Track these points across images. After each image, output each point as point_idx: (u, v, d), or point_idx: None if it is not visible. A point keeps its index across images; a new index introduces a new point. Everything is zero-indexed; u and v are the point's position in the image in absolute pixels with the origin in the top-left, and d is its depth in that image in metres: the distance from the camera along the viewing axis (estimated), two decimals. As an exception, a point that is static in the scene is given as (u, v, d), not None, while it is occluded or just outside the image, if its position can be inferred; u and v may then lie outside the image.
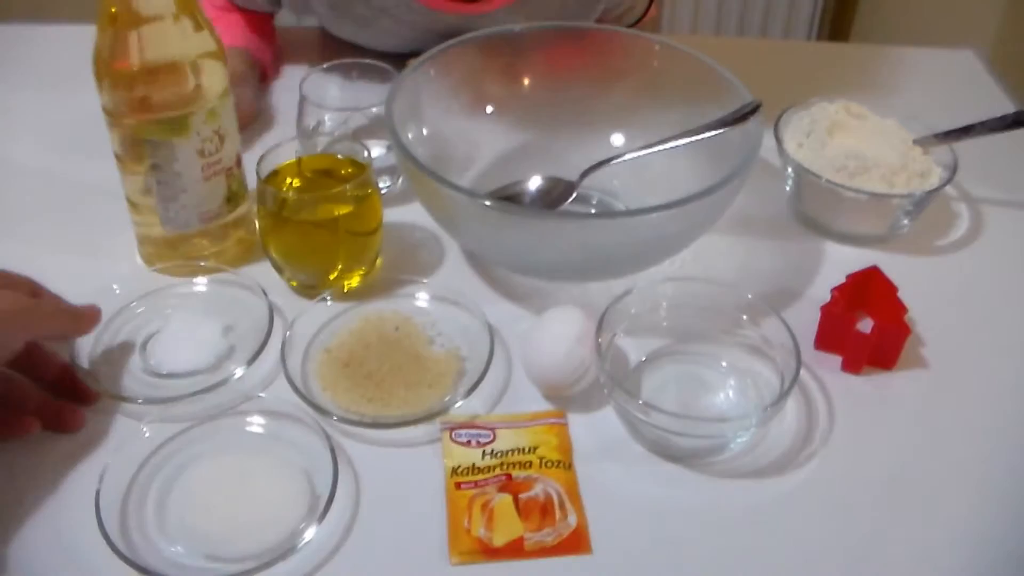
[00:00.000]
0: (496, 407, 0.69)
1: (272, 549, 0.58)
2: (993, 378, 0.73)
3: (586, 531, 0.61)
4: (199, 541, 0.59)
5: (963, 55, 1.16)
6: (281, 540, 0.59)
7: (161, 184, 0.73)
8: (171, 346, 0.72)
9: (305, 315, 0.72)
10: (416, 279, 0.76)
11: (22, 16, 1.19)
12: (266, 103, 1.00)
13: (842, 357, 0.73)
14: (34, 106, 1.02)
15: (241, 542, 0.59)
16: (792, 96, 0.90)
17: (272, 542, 0.59)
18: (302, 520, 0.60)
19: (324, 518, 0.59)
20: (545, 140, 0.88)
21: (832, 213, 0.84)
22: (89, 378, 0.68)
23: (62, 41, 1.10)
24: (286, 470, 0.63)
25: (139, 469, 0.63)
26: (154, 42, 0.68)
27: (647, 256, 0.74)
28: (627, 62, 0.87)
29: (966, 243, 0.86)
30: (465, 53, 0.84)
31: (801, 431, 0.68)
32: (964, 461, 0.66)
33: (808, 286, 0.80)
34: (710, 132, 0.77)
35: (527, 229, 0.71)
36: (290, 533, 0.59)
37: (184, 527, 0.60)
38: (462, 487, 0.63)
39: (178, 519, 0.61)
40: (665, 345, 0.73)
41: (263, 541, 0.59)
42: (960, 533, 0.62)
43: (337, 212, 0.74)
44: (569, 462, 0.65)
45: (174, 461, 0.64)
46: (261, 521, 0.60)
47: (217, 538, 0.59)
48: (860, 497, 0.64)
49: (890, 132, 0.87)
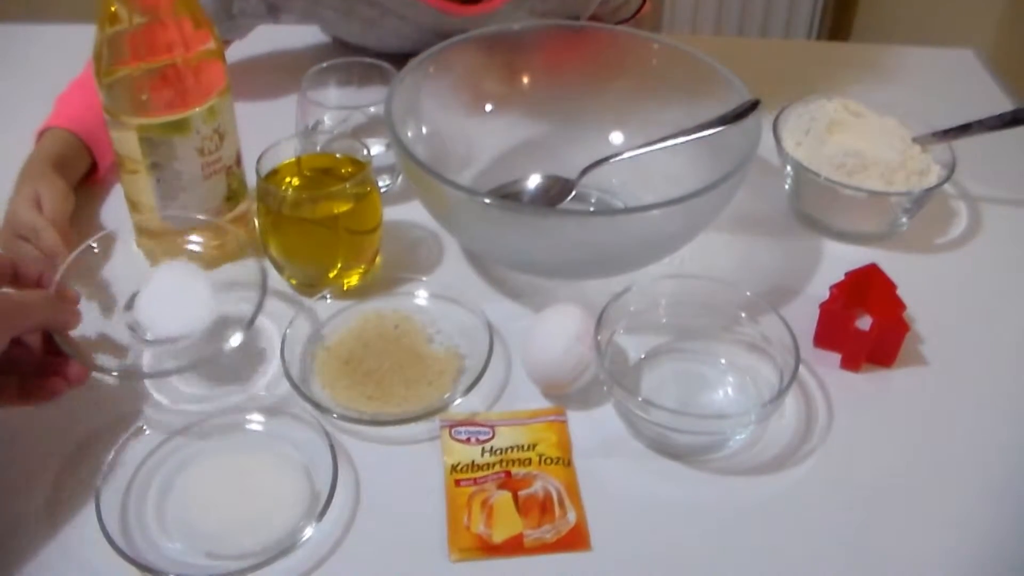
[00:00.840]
0: (495, 404, 0.69)
1: (272, 546, 0.58)
2: (992, 375, 0.73)
3: (585, 528, 0.61)
4: (199, 538, 0.59)
5: (962, 54, 1.16)
6: (281, 537, 0.59)
7: (161, 182, 0.74)
8: (157, 306, 0.69)
9: (305, 313, 0.73)
10: (416, 277, 0.76)
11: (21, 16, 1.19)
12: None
13: (841, 354, 0.73)
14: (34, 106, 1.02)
15: (241, 539, 0.59)
16: (791, 94, 0.90)
17: (272, 539, 0.59)
18: (302, 517, 0.60)
19: (324, 515, 0.59)
20: (544, 138, 0.88)
21: (831, 211, 0.84)
22: (74, 350, 0.63)
23: (62, 40, 1.10)
24: (286, 467, 0.63)
25: (139, 467, 0.63)
26: (154, 41, 0.68)
27: (646, 254, 0.74)
28: (626, 60, 0.87)
29: (965, 241, 0.86)
30: (464, 52, 0.84)
31: (800, 428, 0.68)
32: (963, 458, 0.67)
33: (807, 284, 0.80)
34: (709, 130, 0.77)
35: (526, 227, 0.71)
36: (290, 530, 0.59)
37: (184, 524, 0.60)
38: (461, 484, 0.63)
39: (178, 517, 0.61)
40: (664, 342, 0.73)
41: (263, 538, 0.59)
42: (958, 530, 0.62)
43: (337, 210, 0.74)
44: (568, 459, 0.65)
45: (174, 459, 0.64)
46: (261, 518, 0.60)
47: (217, 535, 0.60)
48: (859, 494, 0.64)
49: (889, 130, 0.87)
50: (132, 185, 0.75)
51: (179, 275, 0.71)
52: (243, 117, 0.78)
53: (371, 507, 0.62)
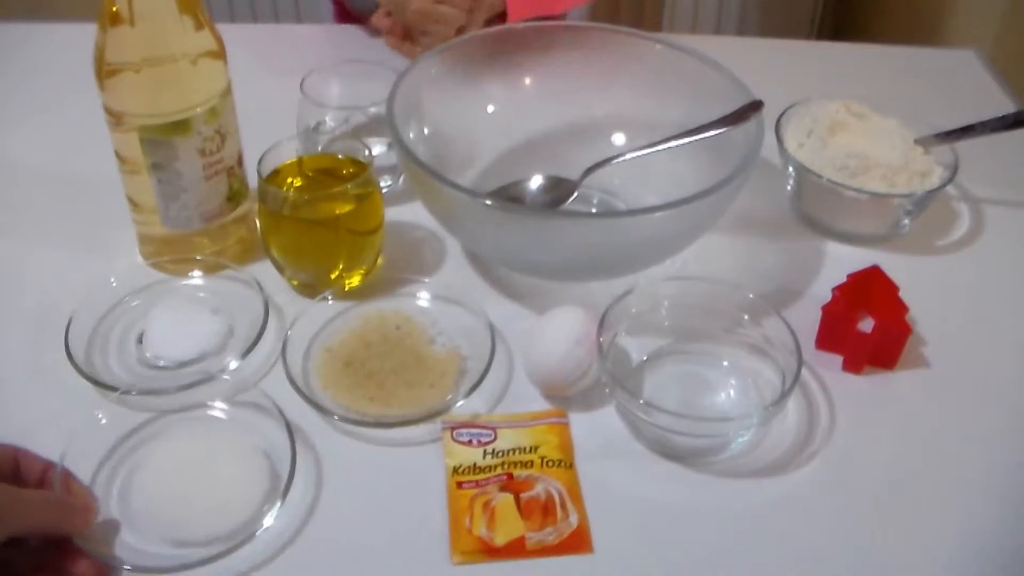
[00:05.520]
0: (497, 406, 0.69)
1: (237, 534, 0.58)
2: (994, 378, 0.73)
3: (587, 530, 0.61)
4: (166, 527, 0.59)
5: (963, 55, 1.16)
6: (239, 529, 0.58)
7: (162, 183, 0.73)
8: (166, 336, 0.71)
9: (306, 314, 0.72)
10: (417, 278, 0.76)
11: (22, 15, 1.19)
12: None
13: (843, 357, 0.73)
14: (34, 105, 1.02)
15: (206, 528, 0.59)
16: (793, 95, 0.90)
17: (232, 529, 0.59)
18: (262, 505, 0.60)
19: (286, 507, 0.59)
20: (546, 139, 0.88)
21: (833, 213, 0.84)
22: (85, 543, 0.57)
23: (62, 40, 1.10)
24: (250, 459, 0.63)
25: (103, 459, 0.63)
26: (155, 41, 0.68)
27: (648, 255, 0.74)
28: (628, 61, 0.87)
29: (967, 243, 0.86)
30: (466, 52, 0.84)
31: (802, 431, 0.68)
32: (965, 461, 0.66)
33: (809, 286, 0.80)
34: (711, 131, 0.77)
35: (528, 229, 0.71)
36: (249, 519, 0.59)
37: (148, 514, 0.60)
38: (463, 486, 0.63)
39: (142, 507, 0.60)
40: (666, 344, 0.73)
41: (225, 526, 0.59)
42: (961, 533, 0.62)
43: (338, 211, 0.74)
44: (570, 461, 0.65)
45: (143, 449, 0.64)
46: (224, 508, 0.60)
47: (184, 531, 0.59)
48: (861, 496, 0.64)
49: (891, 131, 0.87)
50: (133, 186, 0.75)
51: (182, 304, 0.74)
52: (244, 117, 0.78)
53: (373, 509, 0.62)
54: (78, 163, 0.90)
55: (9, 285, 0.79)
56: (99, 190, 0.82)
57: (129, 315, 0.74)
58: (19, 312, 0.75)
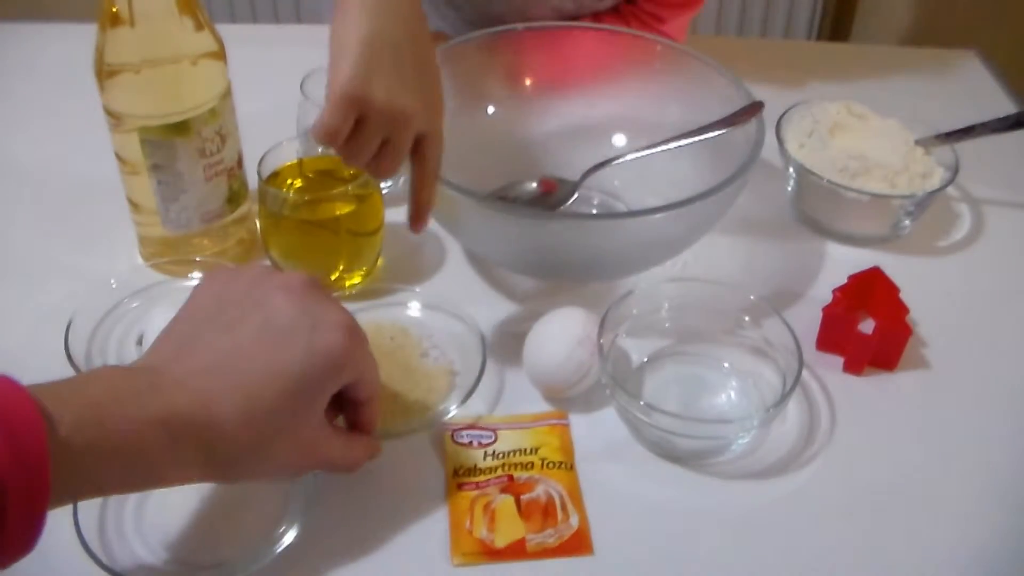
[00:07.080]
0: (497, 408, 0.69)
1: (251, 554, 0.57)
2: (995, 379, 0.73)
3: (588, 532, 0.60)
4: (178, 545, 0.58)
5: (964, 55, 1.16)
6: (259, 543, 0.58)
7: (162, 184, 0.73)
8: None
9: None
10: (414, 288, 0.76)
11: (22, 15, 1.19)
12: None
13: (844, 358, 0.73)
14: (34, 105, 1.02)
15: (220, 546, 0.58)
16: (793, 96, 0.90)
17: (251, 545, 0.58)
18: (282, 520, 0.59)
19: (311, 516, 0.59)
20: (546, 140, 0.88)
21: (834, 214, 0.84)
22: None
23: (62, 40, 1.10)
24: None
25: None
26: (155, 42, 0.68)
27: (649, 257, 0.74)
28: (629, 61, 0.87)
29: (968, 244, 0.86)
30: (466, 52, 0.84)
31: (803, 432, 0.68)
32: (966, 462, 0.66)
33: (810, 287, 0.80)
34: (712, 132, 0.77)
35: (528, 230, 0.71)
36: (270, 536, 0.58)
37: (162, 531, 0.59)
38: (464, 488, 0.63)
39: (156, 523, 0.60)
40: (667, 346, 0.73)
41: (243, 544, 0.58)
42: (962, 534, 0.62)
43: (338, 212, 0.74)
44: (571, 463, 0.65)
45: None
46: (240, 524, 0.59)
47: (197, 542, 0.59)
48: (862, 498, 0.64)
49: (892, 132, 0.87)
50: (133, 187, 0.75)
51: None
52: (244, 118, 0.77)
53: (373, 511, 0.62)
54: (78, 164, 0.90)
55: (9, 285, 0.79)
56: (99, 191, 0.82)
57: (129, 316, 0.74)
58: (19, 313, 0.75)
